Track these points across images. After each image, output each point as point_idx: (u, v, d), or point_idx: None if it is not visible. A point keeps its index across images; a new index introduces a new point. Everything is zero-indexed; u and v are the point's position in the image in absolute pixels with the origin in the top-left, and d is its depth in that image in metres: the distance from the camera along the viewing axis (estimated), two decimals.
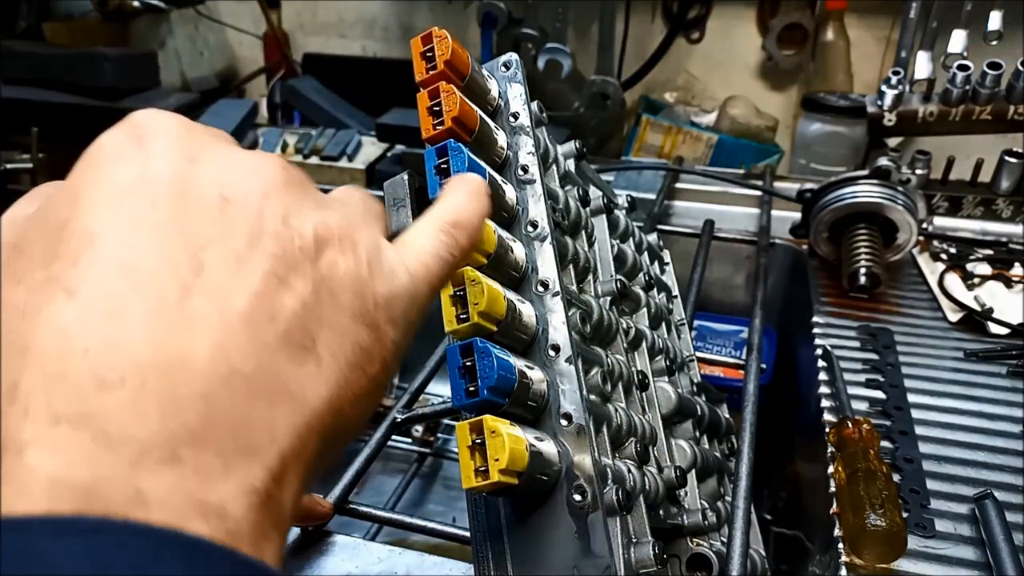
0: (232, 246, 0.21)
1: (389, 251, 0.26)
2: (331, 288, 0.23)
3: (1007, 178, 0.94)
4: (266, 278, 0.21)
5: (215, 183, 0.22)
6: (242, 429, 0.19)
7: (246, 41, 1.68)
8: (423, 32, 0.38)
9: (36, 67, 1.26)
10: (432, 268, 0.27)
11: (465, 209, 0.30)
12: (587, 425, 0.34)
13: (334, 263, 0.23)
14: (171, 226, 0.20)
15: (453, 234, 0.29)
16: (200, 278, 0.20)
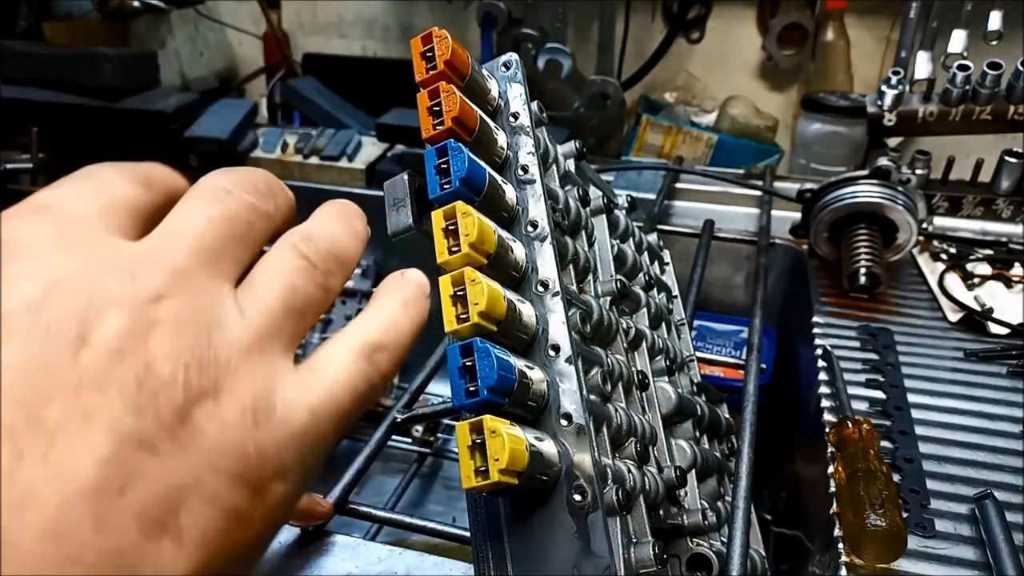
0: (82, 400, 0.17)
1: (288, 385, 0.21)
2: (202, 448, 0.19)
3: (1007, 178, 0.94)
4: (120, 441, 0.17)
5: (74, 314, 0.18)
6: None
7: (246, 41, 1.68)
8: (423, 32, 0.38)
9: (36, 67, 1.26)
10: (343, 402, 0.23)
11: (395, 325, 0.26)
12: (587, 425, 0.34)
13: (209, 417, 0.19)
14: (11, 375, 0.17)
15: (375, 360, 0.24)
16: (38, 440, 0.17)
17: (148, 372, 0.18)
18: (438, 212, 0.35)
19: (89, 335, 0.18)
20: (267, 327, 0.22)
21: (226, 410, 0.19)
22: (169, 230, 0.22)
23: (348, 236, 0.27)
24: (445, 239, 0.35)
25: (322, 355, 0.24)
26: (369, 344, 0.24)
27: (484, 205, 0.37)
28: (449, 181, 0.35)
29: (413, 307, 0.27)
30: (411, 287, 0.28)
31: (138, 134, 1.27)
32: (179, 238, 0.22)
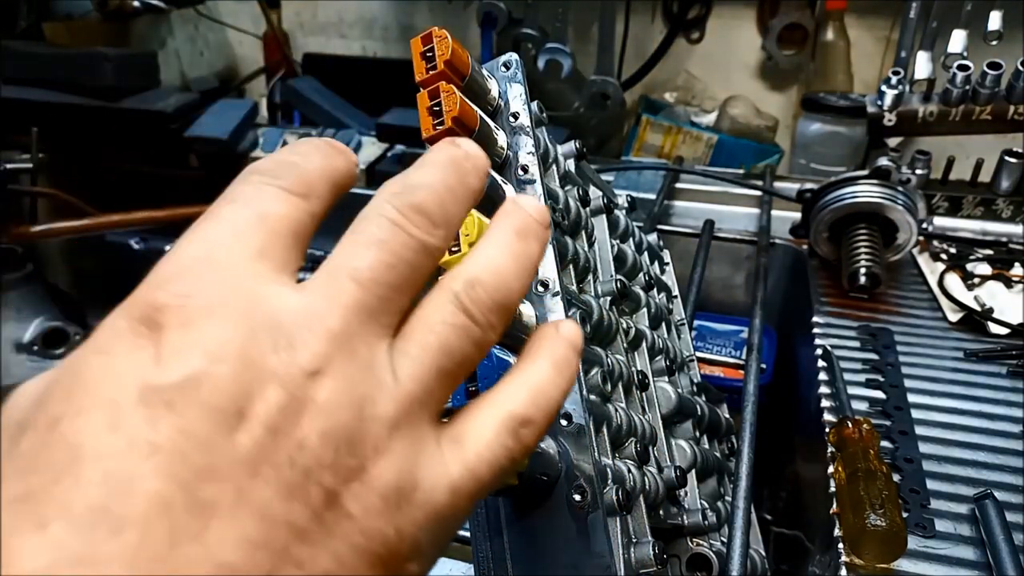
0: (237, 480, 0.17)
1: (432, 462, 0.21)
2: (347, 532, 0.19)
3: (1007, 178, 0.94)
4: (270, 525, 0.17)
5: (233, 389, 0.18)
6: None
7: (246, 41, 1.68)
8: (423, 32, 0.38)
9: (36, 67, 1.26)
10: (483, 480, 0.22)
11: (544, 395, 0.24)
12: (587, 425, 0.34)
13: (355, 499, 0.19)
14: (169, 450, 0.17)
15: (521, 436, 0.23)
16: (194, 519, 0.17)
17: (301, 452, 0.18)
18: None
19: (247, 412, 0.18)
20: (418, 395, 0.21)
21: (372, 492, 0.19)
22: (328, 281, 0.21)
23: (517, 275, 0.24)
24: None
25: (467, 425, 0.23)
26: (517, 418, 0.23)
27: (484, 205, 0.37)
28: None
29: (566, 371, 0.25)
30: (563, 347, 0.25)
31: (138, 134, 1.27)
32: (337, 293, 0.21)
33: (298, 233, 0.23)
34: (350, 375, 0.20)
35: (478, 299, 0.23)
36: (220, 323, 0.19)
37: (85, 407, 0.17)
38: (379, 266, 0.21)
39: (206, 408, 0.18)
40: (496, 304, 0.23)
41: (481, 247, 0.24)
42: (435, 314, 0.22)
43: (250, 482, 0.17)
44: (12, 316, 1.04)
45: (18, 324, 1.04)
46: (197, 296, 0.19)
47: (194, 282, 0.20)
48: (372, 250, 0.22)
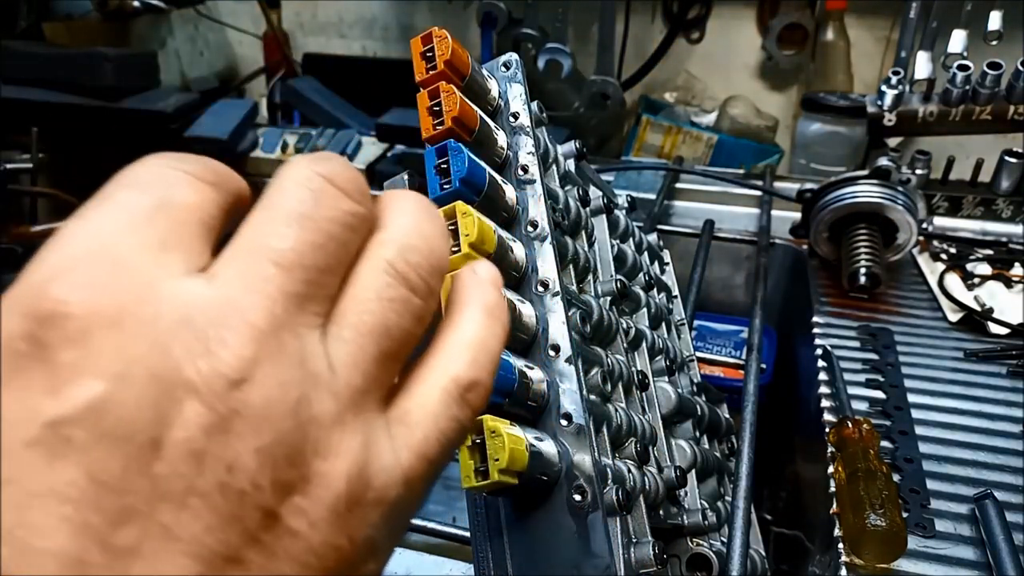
0: (160, 517, 0.15)
1: (381, 452, 0.19)
2: (292, 552, 0.17)
3: (1007, 178, 0.94)
4: (205, 560, 0.15)
5: (144, 414, 0.15)
6: None
7: (246, 41, 1.68)
8: (423, 32, 0.38)
9: (36, 67, 1.26)
10: (436, 459, 0.20)
11: (484, 349, 0.22)
12: (587, 425, 0.34)
13: (298, 514, 0.17)
14: (76, 497, 0.15)
15: (468, 400, 0.21)
16: (114, 569, 0.15)
17: (232, 475, 0.16)
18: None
19: (163, 438, 0.15)
20: (359, 385, 0.19)
21: (318, 504, 0.17)
22: (246, 266, 0.18)
23: (443, 237, 0.22)
24: None
25: (411, 402, 0.21)
26: (461, 383, 0.21)
27: (484, 205, 0.37)
28: (449, 181, 0.35)
29: (500, 315, 0.23)
30: (490, 290, 0.24)
31: (138, 134, 1.27)
32: (258, 280, 0.18)
33: (209, 226, 0.19)
34: (281, 376, 0.17)
35: (416, 264, 0.20)
36: (121, 332, 0.16)
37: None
38: (304, 246, 0.18)
39: (114, 440, 0.15)
40: (433, 268, 0.21)
41: (396, 216, 0.21)
42: (368, 289, 0.20)
43: (175, 517, 0.15)
44: None
45: None
46: (91, 298, 0.16)
47: (86, 280, 0.16)
48: (295, 227, 0.18)
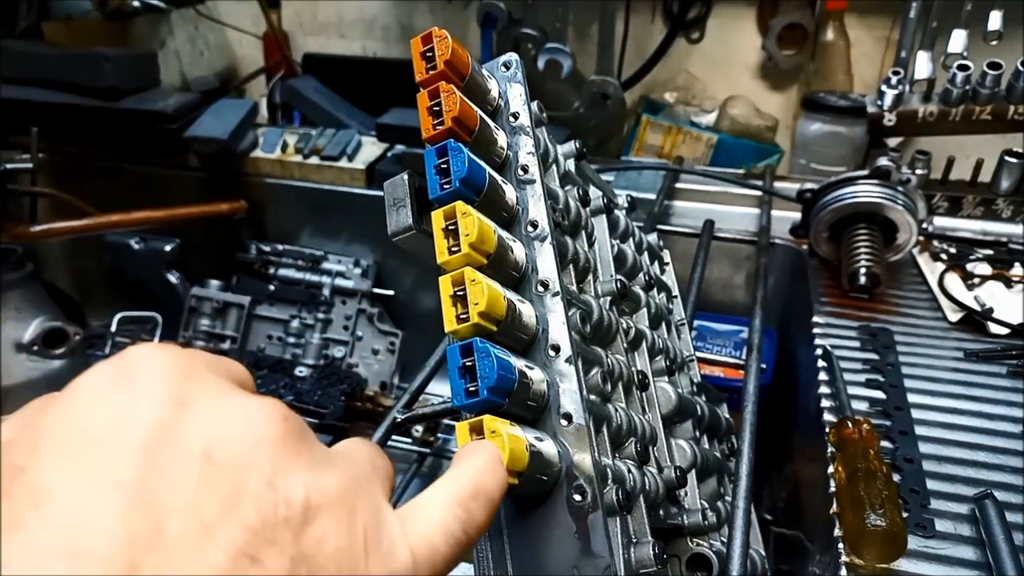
0: (202, 514, 0.18)
1: (391, 523, 0.23)
2: (312, 566, 0.20)
3: (1007, 178, 0.94)
4: (234, 558, 0.18)
5: (200, 436, 0.20)
6: None
7: (246, 41, 1.68)
8: (423, 32, 0.38)
9: (36, 67, 1.26)
10: (439, 548, 0.24)
11: (486, 479, 0.27)
12: (587, 425, 0.34)
13: (322, 537, 0.20)
14: (137, 488, 0.18)
15: (471, 509, 0.25)
16: (156, 554, 0.17)
17: (270, 488, 0.20)
18: (438, 212, 0.35)
19: (214, 452, 0.19)
20: (385, 472, 0.25)
21: (340, 532, 0.21)
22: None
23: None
24: (445, 239, 0.35)
25: (421, 501, 0.25)
26: (465, 493, 0.26)
27: (484, 205, 0.37)
28: (449, 181, 0.35)
29: (497, 465, 0.28)
30: (490, 448, 0.29)
31: (138, 134, 1.27)
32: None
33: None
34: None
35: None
36: (196, 375, 0.22)
37: (47, 453, 0.19)
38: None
39: (174, 451, 0.19)
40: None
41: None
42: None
43: (221, 521, 0.19)
44: (12, 316, 1.04)
45: (18, 324, 1.04)
46: (163, 359, 0.22)
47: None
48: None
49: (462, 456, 0.28)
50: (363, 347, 1.25)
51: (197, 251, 1.33)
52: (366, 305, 1.24)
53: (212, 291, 1.27)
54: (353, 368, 1.24)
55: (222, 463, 0.19)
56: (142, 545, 0.17)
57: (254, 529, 0.19)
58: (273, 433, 0.21)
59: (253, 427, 0.21)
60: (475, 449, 0.29)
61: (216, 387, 0.22)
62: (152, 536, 0.18)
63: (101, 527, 0.17)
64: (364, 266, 1.24)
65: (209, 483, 0.19)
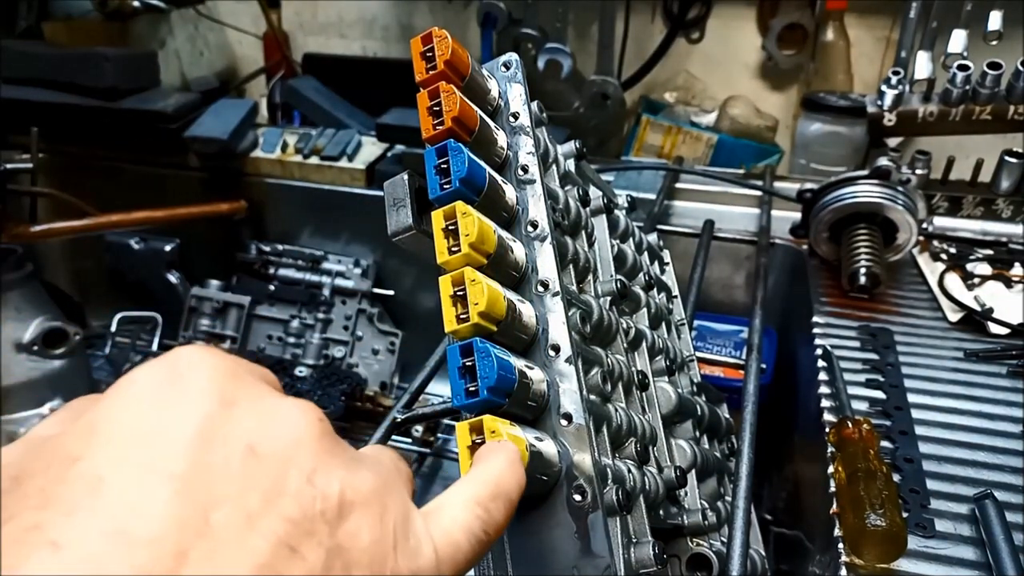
0: (246, 505, 0.19)
1: (417, 521, 0.24)
2: (347, 560, 0.21)
3: (1007, 178, 0.94)
4: (275, 547, 0.19)
5: (244, 432, 0.21)
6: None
7: (246, 41, 1.68)
8: (423, 32, 0.38)
9: (36, 67, 1.26)
10: (461, 547, 0.25)
11: (505, 479, 0.28)
12: (587, 425, 0.34)
13: (356, 532, 0.21)
14: (186, 479, 0.19)
15: (491, 509, 0.26)
16: (203, 541, 0.18)
17: (309, 483, 0.21)
18: (438, 212, 0.35)
19: (258, 447, 0.21)
20: (407, 475, 0.26)
21: (373, 526, 0.22)
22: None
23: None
24: (445, 239, 0.35)
25: (443, 501, 0.26)
26: (485, 494, 0.27)
27: (484, 205, 0.37)
28: (449, 181, 0.35)
29: (516, 466, 0.29)
30: (509, 449, 0.30)
31: (138, 134, 1.27)
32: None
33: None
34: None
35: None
36: (241, 378, 0.23)
37: (101, 444, 0.20)
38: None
39: (221, 445, 0.21)
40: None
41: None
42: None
43: (263, 512, 0.20)
44: (12, 316, 1.04)
45: (18, 324, 1.04)
46: (211, 360, 0.23)
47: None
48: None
49: (482, 456, 0.29)
50: (363, 347, 1.25)
51: (197, 251, 1.33)
52: (366, 305, 1.24)
53: (212, 291, 1.28)
54: (353, 368, 1.24)
55: (265, 459, 0.21)
56: (190, 532, 0.18)
57: (294, 521, 0.20)
58: (311, 433, 0.22)
59: (293, 426, 0.22)
60: (494, 450, 0.29)
61: (257, 389, 0.23)
62: (199, 524, 0.18)
63: (152, 514, 0.18)
64: (364, 266, 1.24)
65: (253, 477, 0.20)
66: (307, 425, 0.22)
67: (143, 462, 0.19)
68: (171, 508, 0.18)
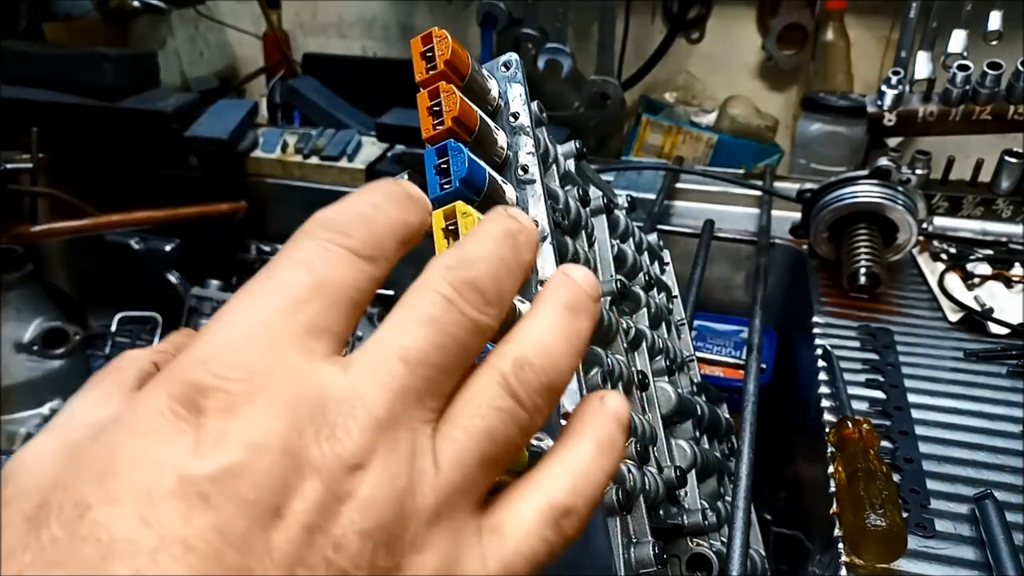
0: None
1: (471, 558, 0.21)
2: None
3: (1007, 178, 0.94)
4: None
5: (272, 483, 0.18)
6: None
7: (246, 41, 1.68)
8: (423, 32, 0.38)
9: (36, 67, 1.26)
10: (518, 573, 0.21)
11: (588, 480, 0.23)
12: None
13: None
14: (203, 550, 0.17)
15: (562, 527, 0.22)
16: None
17: (337, 553, 0.18)
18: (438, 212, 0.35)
19: (284, 509, 0.17)
20: (460, 485, 0.20)
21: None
22: (376, 360, 0.20)
23: (568, 354, 0.23)
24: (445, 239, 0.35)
25: (506, 514, 0.22)
26: (558, 508, 0.22)
27: (484, 205, 0.37)
28: (449, 181, 0.35)
29: (611, 452, 0.24)
30: (609, 424, 0.24)
31: (138, 134, 1.27)
32: (385, 374, 0.20)
33: (358, 302, 0.21)
34: (392, 467, 0.19)
35: (527, 381, 0.22)
36: (264, 410, 0.18)
37: (118, 496, 0.17)
38: (429, 346, 0.20)
39: (243, 503, 0.17)
40: (544, 387, 0.22)
41: (530, 322, 0.23)
42: (481, 396, 0.21)
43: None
44: (12, 316, 1.04)
45: (18, 324, 1.04)
46: (242, 379, 0.18)
47: (240, 361, 0.19)
48: (423, 328, 0.21)
49: (570, 432, 0.24)
50: None
51: (197, 251, 1.33)
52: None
53: (212, 291, 1.27)
54: None
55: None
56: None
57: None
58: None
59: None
60: (588, 422, 0.24)
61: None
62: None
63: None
64: None
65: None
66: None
67: (153, 522, 0.17)
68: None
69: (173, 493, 0.17)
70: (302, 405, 0.19)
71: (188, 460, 0.17)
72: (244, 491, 0.17)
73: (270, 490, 0.17)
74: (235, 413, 0.18)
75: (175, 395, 0.18)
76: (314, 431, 0.18)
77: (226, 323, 0.20)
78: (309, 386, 0.19)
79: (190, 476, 0.17)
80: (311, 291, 0.20)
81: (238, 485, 0.17)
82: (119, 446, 0.18)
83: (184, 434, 0.18)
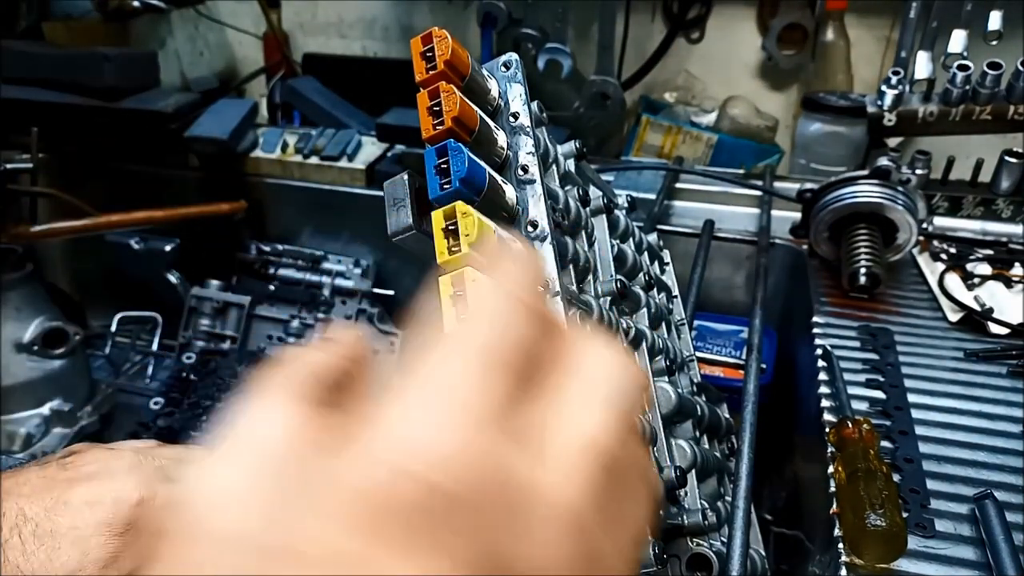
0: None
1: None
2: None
3: (1007, 178, 0.94)
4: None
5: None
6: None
7: (246, 41, 1.68)
8: (423, 32, 0.38)
9: (36, 67, 1.26)
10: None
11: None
12: None
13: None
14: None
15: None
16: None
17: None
18: (438, 212, 0.35)
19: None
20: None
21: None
22: (572, 466, 0.21)
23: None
24: (445, 239, 0.35)
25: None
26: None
27: (484, 205, 0.37)
28: (449, 181, 0.35)
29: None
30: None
31: (138, 134, 1.27)
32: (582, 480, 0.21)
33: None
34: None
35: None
36: (479, 517, 0.18)
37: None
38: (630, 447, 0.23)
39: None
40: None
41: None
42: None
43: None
44: (12, 316, 1.04)
45: (18, 324, 1.04)
46: (469, 488, 0.18)
47: (464, 472, 0.18)
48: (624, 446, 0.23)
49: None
50: None
51: (197, 251, 1.33)
52: (366, 305, 1.24)
53: (212, 291, 1.27)
54: None
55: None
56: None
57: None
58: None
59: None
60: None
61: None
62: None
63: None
64: (364, 266, 1.24)
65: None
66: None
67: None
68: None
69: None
70: (515, 513, 0.20)
71: (395, 564, 0.17)
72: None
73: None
74: (456, 518, 0.18)
75: (408, 493, 0.18)
76: (518, 538, 0.19)
77: (428, 426, 0.20)
78: (518, 493, 0.20)
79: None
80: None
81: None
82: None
83: (418, 537, 0.18)
